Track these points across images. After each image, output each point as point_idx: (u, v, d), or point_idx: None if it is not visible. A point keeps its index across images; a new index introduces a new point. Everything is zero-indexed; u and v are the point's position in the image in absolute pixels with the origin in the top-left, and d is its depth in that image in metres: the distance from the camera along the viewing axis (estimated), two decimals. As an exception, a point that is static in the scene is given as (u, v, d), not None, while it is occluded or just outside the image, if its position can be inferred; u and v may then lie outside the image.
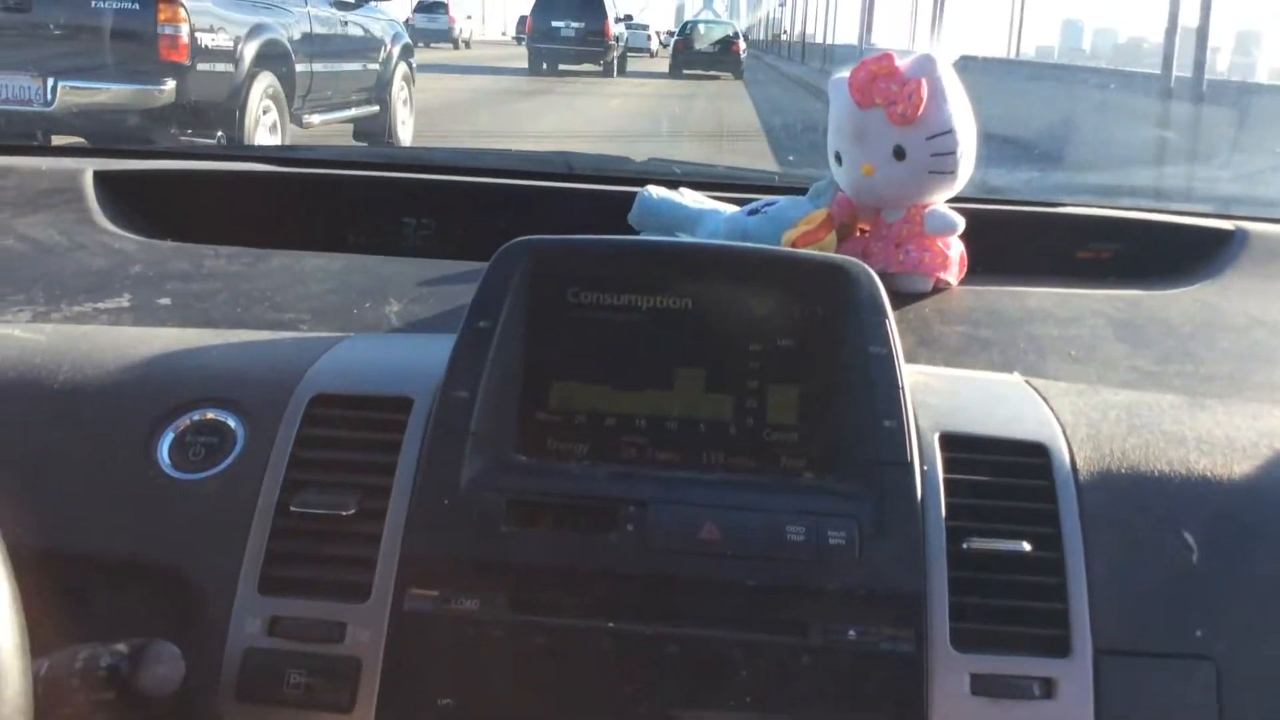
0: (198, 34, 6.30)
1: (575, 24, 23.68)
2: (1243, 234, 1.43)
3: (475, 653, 0.84)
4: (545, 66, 23.87)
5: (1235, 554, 0.87)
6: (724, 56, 27.00)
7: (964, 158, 1.29)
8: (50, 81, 5.99)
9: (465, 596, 0.84)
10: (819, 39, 34.40)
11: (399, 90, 9.18)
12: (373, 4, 8.99)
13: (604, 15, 24.02)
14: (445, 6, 39.20)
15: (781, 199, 1.36)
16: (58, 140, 5.81)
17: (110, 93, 6.25)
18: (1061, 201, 1.56)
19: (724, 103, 17.03)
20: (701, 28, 30.14)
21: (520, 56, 25.94)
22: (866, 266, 0.96)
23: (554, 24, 23.79)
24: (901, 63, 1.26)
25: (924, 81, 1.24)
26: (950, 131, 1.26)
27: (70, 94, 6.05)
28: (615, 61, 24.87)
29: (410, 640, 0.84)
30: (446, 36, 38.10)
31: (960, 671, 0.82)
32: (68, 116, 6.08)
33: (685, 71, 26.57)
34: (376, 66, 8.88)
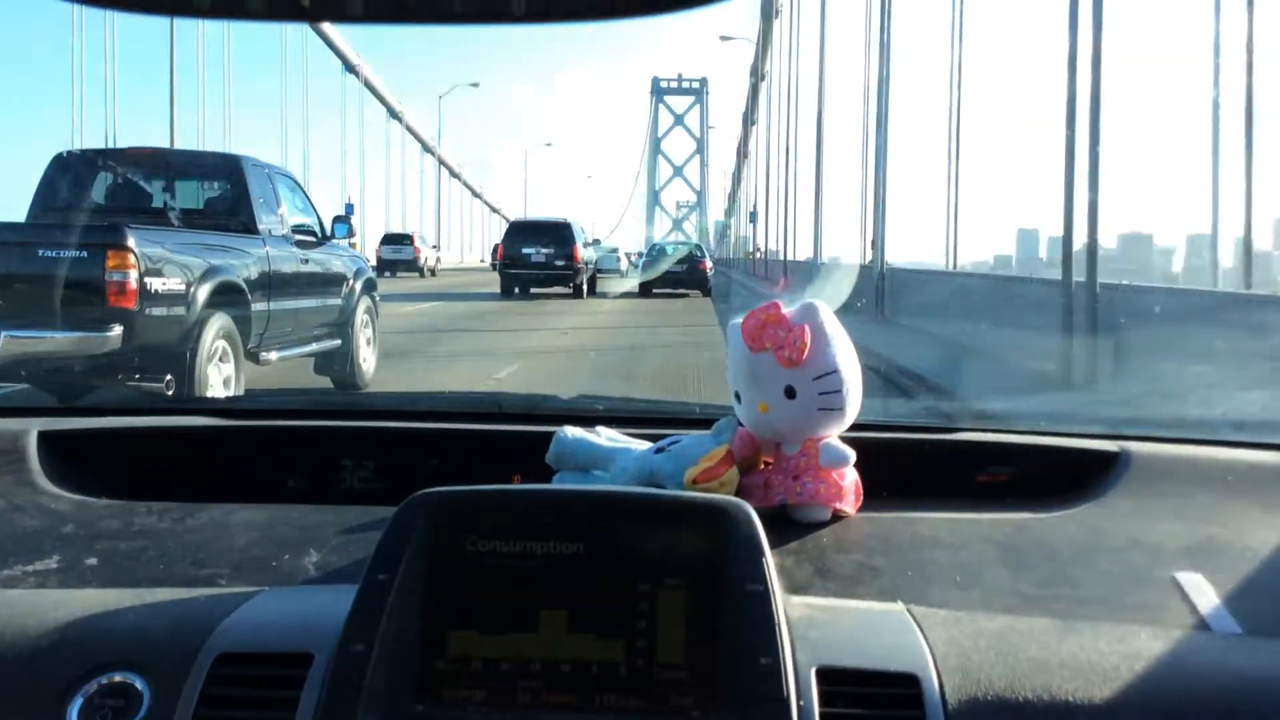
0: (148, 279, 6.35)
1: (545, 250, 24.80)
2: (1126, 455, 1.52)
3: None
4: (517, 290, 24.98)
5: None
6: (691, 275, 27.96)
7: (850, 394, 1.38)
8: (-6, 332, 6.01)
9: None
10: (784, 255, 35.68)
11: (361, 323, 9.30)
12: (335, 241, 9.22)
13: (572, 240, 25.21)
14: (410, 238, 41.28)
15: (686, 436, 1.45)
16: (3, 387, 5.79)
17: (54, 341, 6.22)
18: (956, 426, 1.66)
19: (689, 322, 17.52)
20: (669, 249, 31.20)
21: (488, 282, 26.95)
22: (747, 507, 1.03)
23: (524, 250, 24.99)
24: (788, 310, 1.38)
25: (807, 328, 1.35)
26: (835, 372, 1.36)
27: (13, 344, 6.02)
28: (585, 283, 25.98)
29: None
30: (413, 265, 39.87)
31: None
32: (11, 366, 6.07)
33: (655, 290, 27.37)
34: (338, 301, 8.98)
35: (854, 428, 1.45)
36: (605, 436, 1.54)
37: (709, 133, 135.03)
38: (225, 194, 8.27)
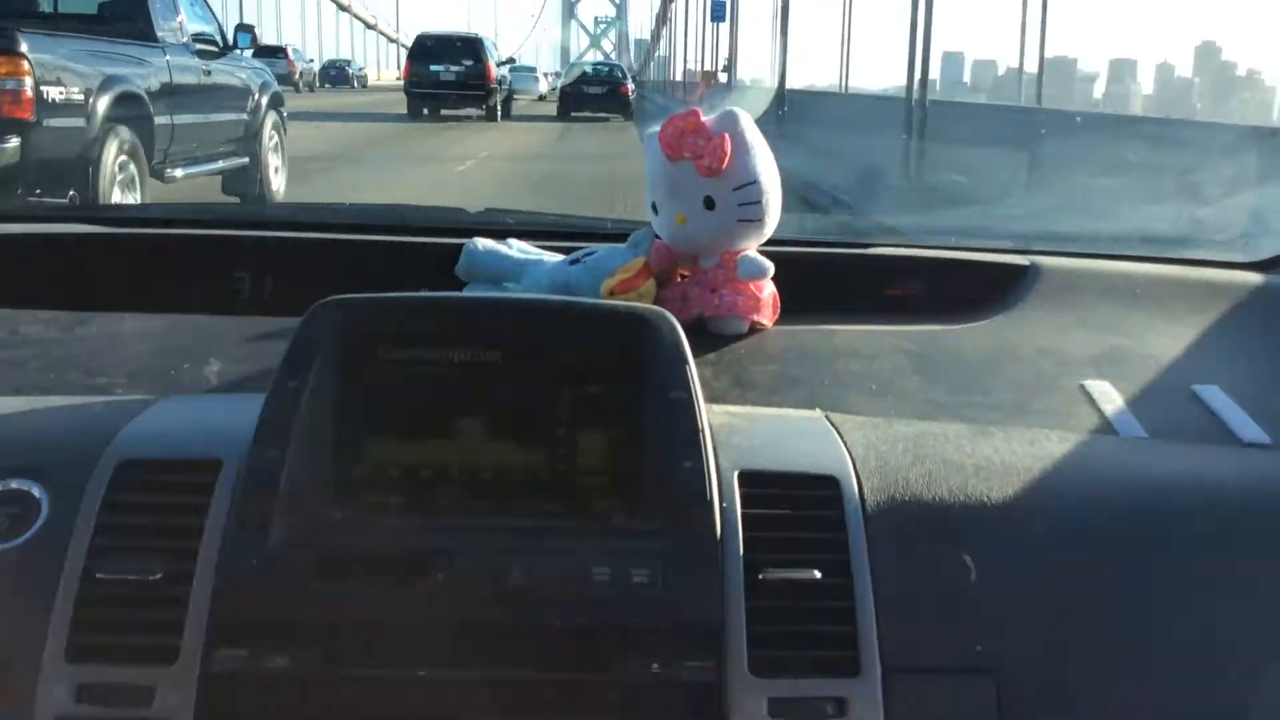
0: (44, 88, 5.95)
1: (454, 68, 22.92)
2: (1036, 268, 1.53)
3: (287, 708, 0.85)
4: (425, 112, 23.15)
5: (1011, 573, 0.94)
6: (613, 98, 26.65)
7: (770, 205, 1.36)
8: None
9: (276, 654, 0.85)
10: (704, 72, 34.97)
11: (269, 139, 8.88)
12: (237, 51, 8.73)
13: (484, 57, 23.40)
14: (283, 50, 40.03)
15: (601, 248, 1.41)
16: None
17: None
18: (870, 241, 1.65)
19: (609, 151, 16.32)
20: (589, 69, 29.94)
21: (391, 103, 25.32)
22: (669, 315, 1.00)
23: (433, 69, 23.03)
24: (707, 118, 1.33)
25: (727, 136, 1.30)
26: (755, 182, 1.33)
27: None
28: (499, 105, 24.10)
29: (220, 700, 0.84)
30: (287, 80, 38.49)
31: (759, 696, 0.87)
32: None
33: (574, 114, 26.03)
34: (244, 115, 8.55)
35: (770, 243, 1.43)
36: (517, 248, 1.50)
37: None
38: None
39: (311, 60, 50.72)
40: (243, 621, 0.86)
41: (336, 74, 50.81)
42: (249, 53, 9.16)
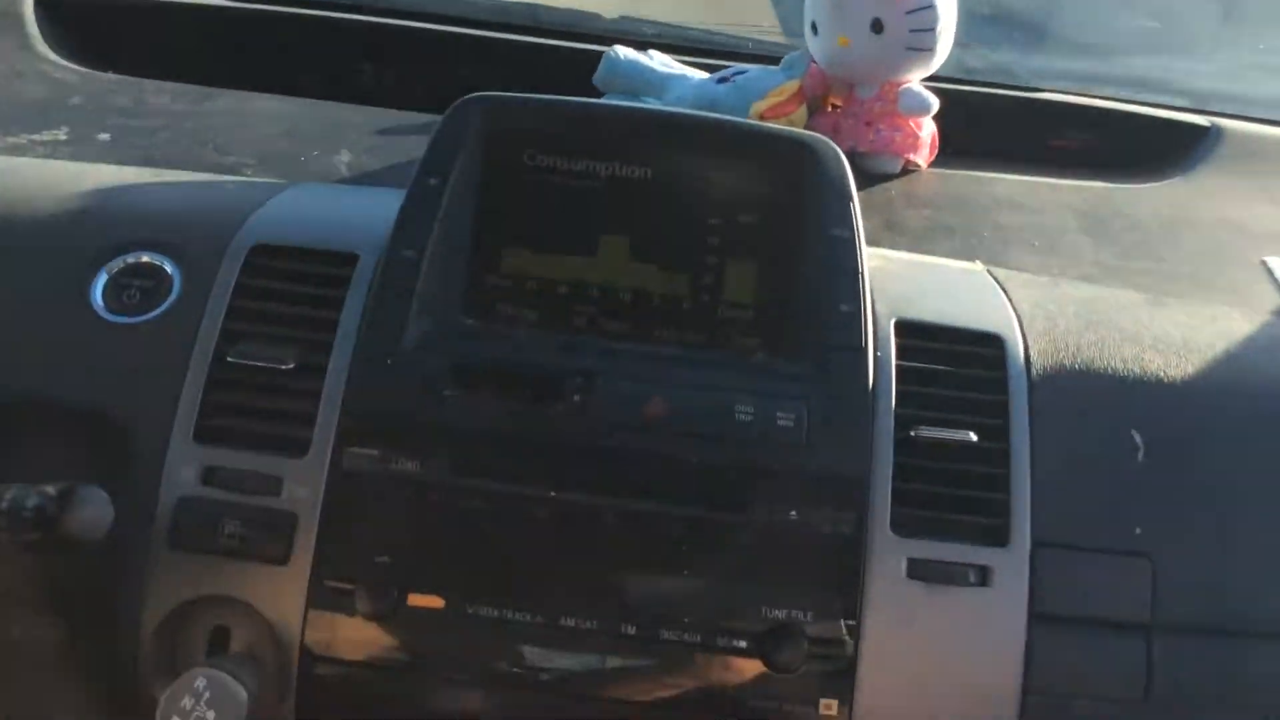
0: None
1: None
2: (1218, 130, 1.41)
3: (413, 513, 0.83)
4: None
5: (1180, 455, 0.87)
6: None
7: (943, 34, 1.25)
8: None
9: (405, 457, 0.83)
10: None
11: None
12: None
13: None
14: None
15: (752, 68, 1.32)
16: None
17: None
18: (1039, 86, 1.53)
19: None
20: None
21: None
22: (835, 146, 0.93)
23: None
24: None
25: (907, -50, 1.19)
26: (931, 6, 1.22)
27: None
28: None
29: (348, 497, 0.83)
30: None
31: (898, 555, 0.83)
32: None
33: None
34: None
35: (929, 79, 1.32)
36: (659, 61, 1.41)
37: None
38: None
39: None
40: (374, 420, 0.84)
41: None
42: None
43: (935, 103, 1.26)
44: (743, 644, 0.82)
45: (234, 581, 0.83)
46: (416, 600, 0.83)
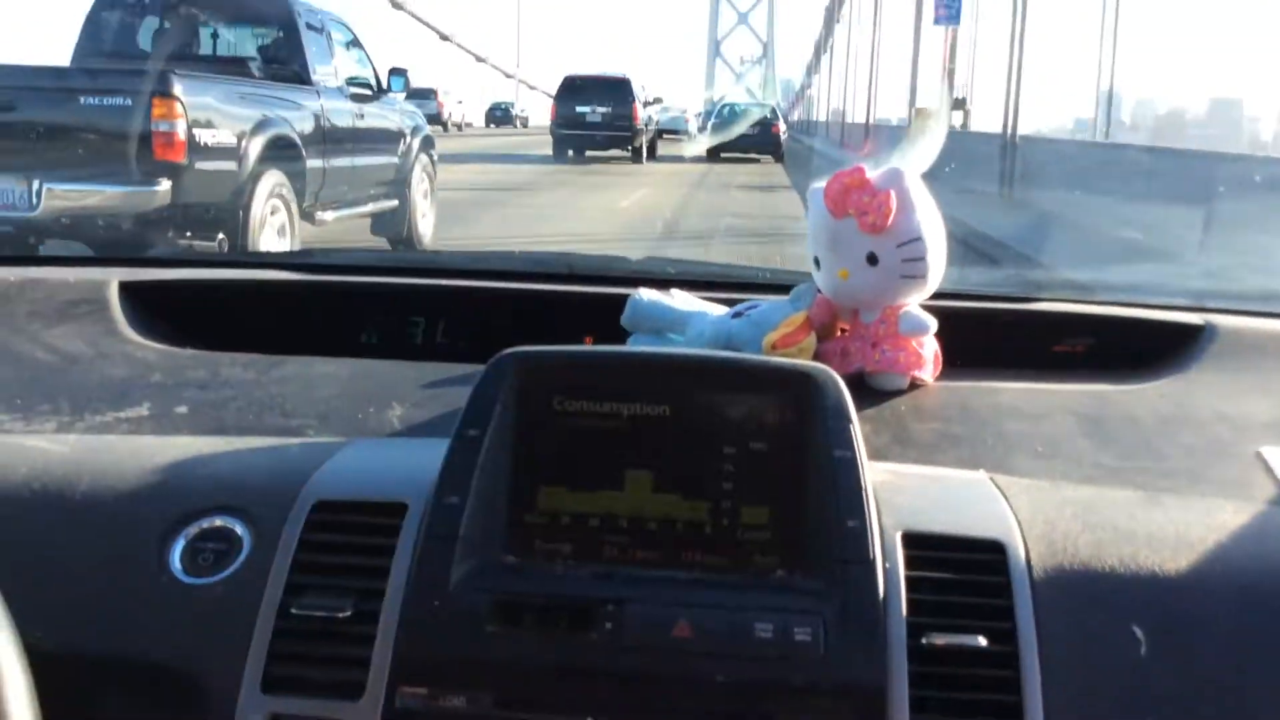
0: (196, 131, 5.94)
1: (601, 109, 23.09)
2: (1212, 328, 1.49)
3: None
4: (571, 153, 23.31)
5: (1182, 646, 0.91)
6: (763, 139, 26.54)
7: (934, 262, 1.36)
8: (35, 184, 5.64)
9: (453, 694, 0.90)
10: (859, 118, 34.53)
11: (419, 183, 8.87)
12: (391, 95, 8.70)
13: (630, 99, 23.36)
14: (434, 92, 42.66)
15: (764, 302, 1.44)
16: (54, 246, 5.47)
17: (101, 195, 5.83)
18: (1036, 297, 1.63)
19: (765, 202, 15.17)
20: (739, 109, 29.56)
21: (533, 145, 25.30)
22: (834, 373, 1.02)
23: (579, 109, 23.18)
24: (872, 175, 1.34)
25: (892, 192, 1.32)
26: (919, 239, 1.34)
27: (57, 198, 5.69)
28: (644, 147, 24.00)
29: None
30: (436, 119, 41.49)
31: None
32: (54, 222, 5.69)
33: (724, 154, 25.99)
34: (395, 159, 8.55)
35: (932, 295, 1.43)
36: (680, 299, 1.54)
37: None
38: (276, 41, 7.72)
39: (461, 101, 53.01)
40: (423, 660, 0.91)
41: (501, 115, 55.61)
42: (402, 95, 9.10)
43: (933, 323, 1.36)
44: None
45: None
46: None
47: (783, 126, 28.76)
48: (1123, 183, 10.12)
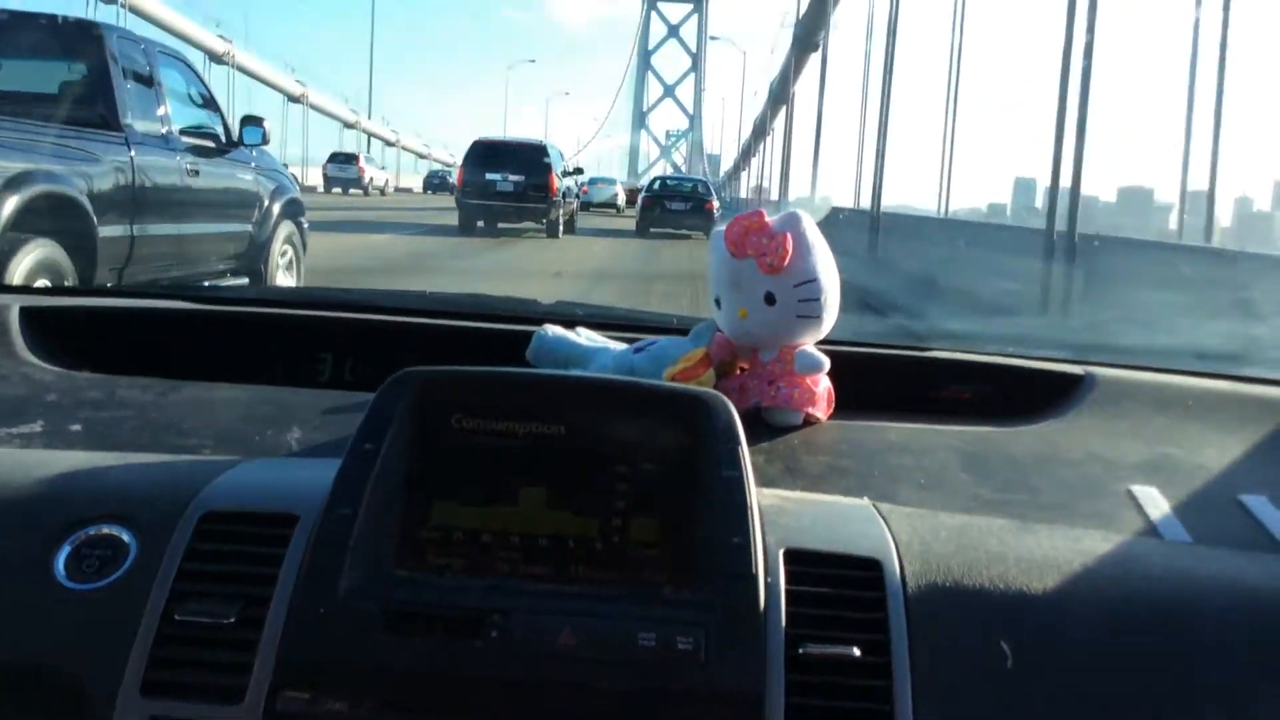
0: None
1: (514, 177, 20.35)
2: (1091, 377, 1.56)
3: None
4: (480, 224, 20.77)
5: (1044, 662, 0.95)
6: (697, 214, 24.92)
7: (829, 303, 1.42)
8: None
9: (336, 699, 0.90)
10: (792, 194, 35.23)
11: (280, 254, 7.44)
12: (244, 149, 7.23)
13: (547, 167, 20.68)
14: (355, 157, 44.41)
15: (663, 339, 1.48)
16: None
17: None
18: (927, 346, 1.70)
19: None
20: (670, 181, 28.53)
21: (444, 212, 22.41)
22: (724, 398, 1.06)
23: (489, 177, 20.47)
24: (771, 219, 1.40)
25: (789, 235, 1.37)
26: (814, 280, 1.39)
27: None
28: (560, 220, 21.29)
29: None
30: (358, 184, 42.55)
31: None
32: None
33: (654, 229, 24.53)
34: (248, 227, 7.13)
35: (828, 342, 1.48)
36: (585, 336, 1.57)
37: (707, 46, 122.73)
38: (80, 76, 6.09)
39: (385, 167, 53.22)
40: (307, 666, 0.92)
41: (439, 182, 52.30)
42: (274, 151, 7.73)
43: (826, 362, 1.41)
44: None
45: None
46: None
47: (716, 203, 27.36)
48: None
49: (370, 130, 58.89)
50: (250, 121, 7.22)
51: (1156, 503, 1.24)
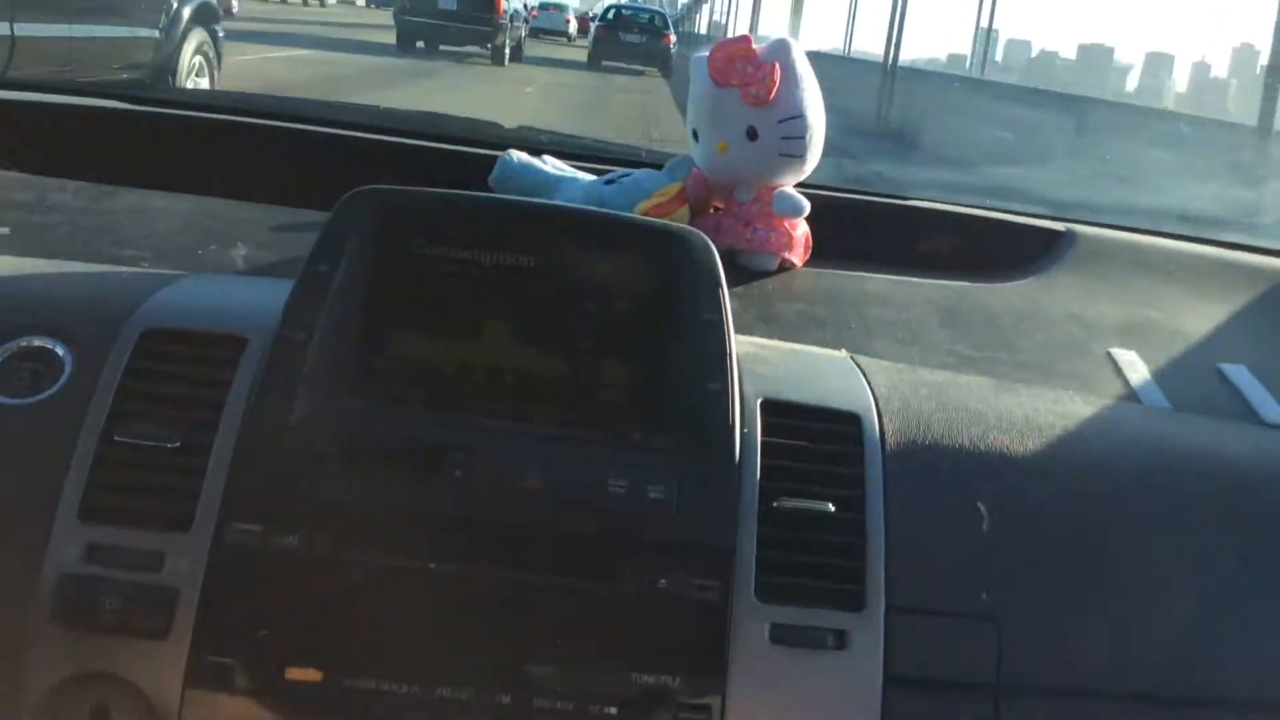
0: None
1: None
2: (1072, 235, 1.52)
3: (294, 587, 0.85)
4: (420, 45, 19.26)
5: (1022, 524, 0.93)
6: (652, 48, 23.67)
7: (813, 143, 1.34)
8: None
9: (288, 532, 0.85)
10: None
11: (189, 69, 6.40)
12: None
13: None
14: None
15: (638, 171, 1.40)
16: None
17: None
18: (909, 195, 1.63)
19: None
20: (625, 10, 26.17)
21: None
22: (705, 237, 0.99)
23: None
24: (758, 46, 1.31)
25: (778, 65, 1.29)
26: (800, 116, 1.31)
27: None
28: (506, 46, 19.90)
29: (230, 572, 0.85)
30: None
31: (762, 621, 0.87)
32: None
33: (605, 63, 23.14)
34: (151, 33, 6.08)
35: (806, 185, 1.42)
36: (551, 165, 1.49)
37: None
38: None
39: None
40: (257, 496, 0.86)
41: None
42: None
43: (806, 205, 1.34)
44: (614, 710, 0.85)
45: (115, 658, 0.84)
46: (295, 674, 0.84)
47: (674, 38, 25.91)
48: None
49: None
50: None
51: (1136, 367, 1.21)
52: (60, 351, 0.93)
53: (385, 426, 0.90)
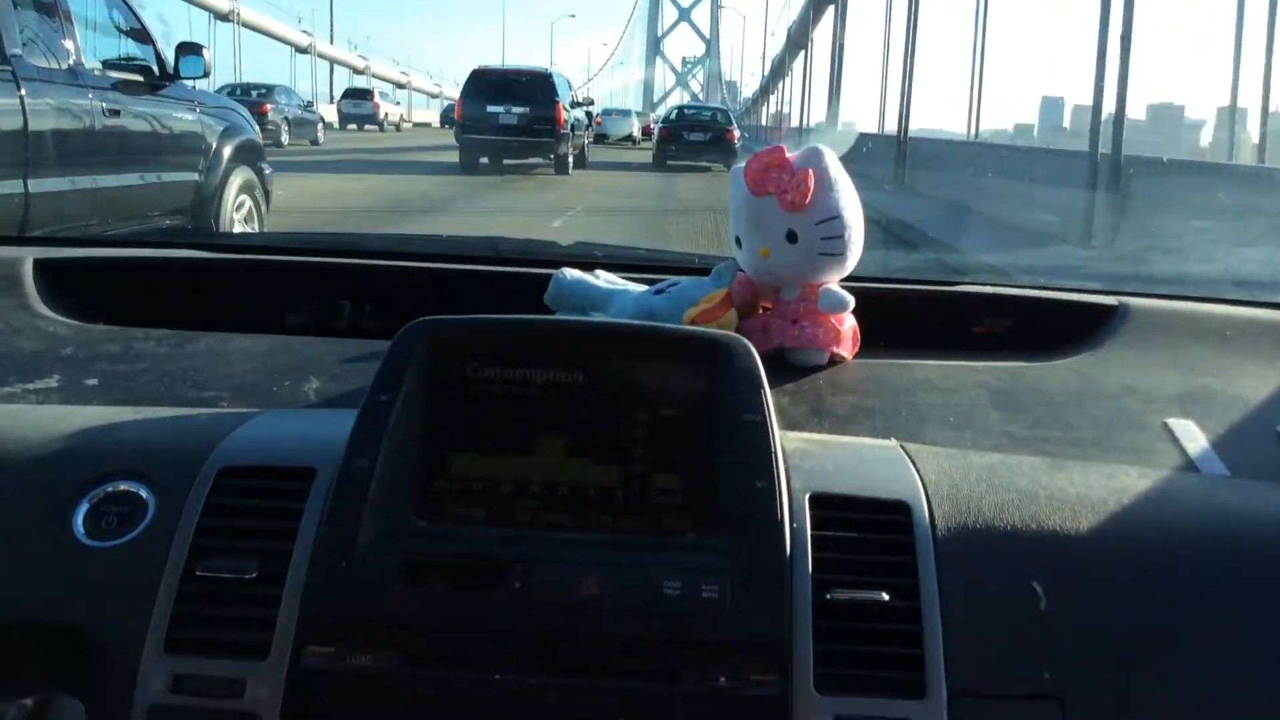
0: None
1: (517, 109, 18.61)
2: (1125, 308, 1.52)
3: (369, 706, 0.89)
4: (484, 162, 19.21)
5: (1079, 602, 0.93)
6: (717, 145, 23.38)
7: (852, 239, 1.38)
8: None
9: (360, 653, 0.89)
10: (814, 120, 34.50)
11: (234, 207, 6.21)
12: (184, 85, 6.04)
13: (554, 97, 18.87)
14: (370, 93, 42.80)
15: (685, 279, 1.45)
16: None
17: None
18: (957, 280, 1.66)
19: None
20: (689, 110, 26.86)
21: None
22: (746, 342, 1.03)
23: (490, 109, 18.68)
24: (792, 154, 1.36)
25: (811, 172, 1.33)
26: (837, 217, 1.36)
27: None
28: (570, 154, 19.73)
29: (307, 695, 0.89)
30: (373, 119, 41.01)
31: (824, 713, 0.88)
32: None
33: (671, 163, 23.13)
34: (191, 176, 5.94)
35: (853, 279, 1.45)
36: (604, 279, 1.54)
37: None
38: None
39: (399, 103, 52.22)
40: (330, 621, 0.91)
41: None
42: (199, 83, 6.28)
43: (850, 300, 1.38)
44: None
45: None
46: None
47: (738, 133, 25.83)
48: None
49: (380, 75, 58.14)
50: (187, 50, 5.99)
51: (1193, 435, 1.21)
52: (144, 494, 0.99)
53: (447, 544, 0.94)
